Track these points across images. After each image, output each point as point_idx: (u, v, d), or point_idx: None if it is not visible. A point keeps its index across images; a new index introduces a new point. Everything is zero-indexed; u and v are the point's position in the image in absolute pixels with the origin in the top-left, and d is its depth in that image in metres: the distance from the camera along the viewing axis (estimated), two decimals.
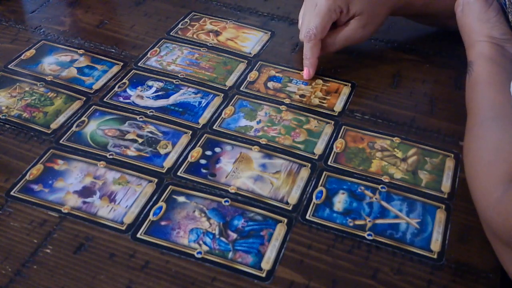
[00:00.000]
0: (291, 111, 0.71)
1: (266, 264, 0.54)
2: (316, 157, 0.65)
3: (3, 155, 0.64)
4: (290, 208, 0.60)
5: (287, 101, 0.73)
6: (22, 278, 0.52)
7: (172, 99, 0.72)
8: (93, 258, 0.54)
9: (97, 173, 0.62)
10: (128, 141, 0.66)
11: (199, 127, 0.69)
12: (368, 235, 0.57)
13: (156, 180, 0.62)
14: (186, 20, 0.87)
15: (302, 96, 0.74)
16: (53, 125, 0.68)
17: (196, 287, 0.52)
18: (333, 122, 0.70)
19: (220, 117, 0.70)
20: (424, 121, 0.71)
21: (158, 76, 0.76)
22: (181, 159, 0.64)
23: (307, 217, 0.59)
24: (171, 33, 0.84)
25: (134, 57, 0.79)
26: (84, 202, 0.59)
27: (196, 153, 0.65)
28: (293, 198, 0.61)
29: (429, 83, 0.78)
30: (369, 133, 0.69)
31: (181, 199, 0.60)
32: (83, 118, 0.69)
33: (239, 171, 0.63)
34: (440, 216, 0.60)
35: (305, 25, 0.74)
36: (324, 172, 0.64)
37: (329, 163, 0.65)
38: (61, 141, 0.66)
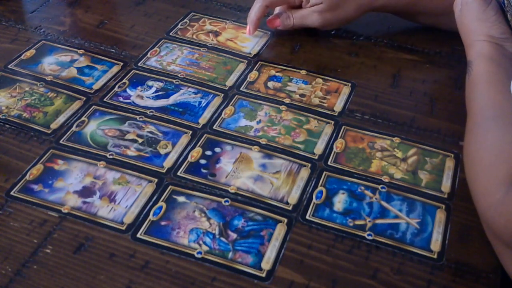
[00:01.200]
0: (291, 111, 0.71)
1: (266, 264, 0.54)
2: (316, 157, 0.65)
3: (3, 155, 0.64)
4: (290, 208, 0.60)
5: (287, 100, 0.73)
6: (22, 278, 0.52)
7: (172, 99, 0.72)
8: (93, 258, 0.54)
9: (97, 173, 0.62)
10: (128, 141, 0.66)
11: (199, 127, 0.69)
12: (368, 235, 0.57)
13: (156, 180, 0.62)
14: (185, 20, 0.87)
15: (302, 95, 0.74)
16: (53, 125, 0.68)
17: (196, 287, 0.52)
18: (333, 122, 0.70)
19: (220, 117, 0.70)
20: (424, 121, 0.71)
21: (158, 76, 0.76)
22: (181, 159, 0.64)
23: (307, 217, 0.59)
24: (171, 33, 0.84)
25: (134, 57, 0.79)
26: (84, 202, 0.59)
27: (196, 153, 0.65)
28: (293, 198, 0.61)
29: (429, 83, 0.78)
30: (369, 133, 0.69)
31: (181, 199, 0.60)
32: (83, 118, 0.69)
33: (239, 171, 0.63)
34: (440, 216, 0.60)
35: None
36: (324, 172, 0.64)
37: (329, 163, 0.65)
38: (61, 141, 0.66)
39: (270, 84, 0.75)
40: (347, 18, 0.82)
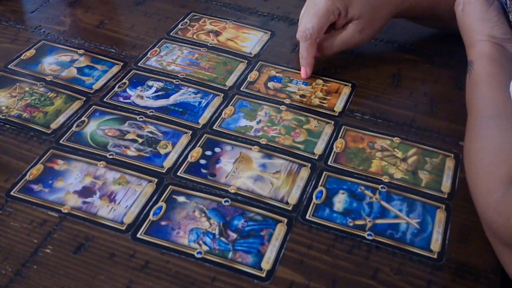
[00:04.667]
0: (291, 111, 0.71)
1: (266, 264, 0.54)
2: (316, 157, 0.65)
3: (3, 155, 0.64)
4: (290, 208, 0.60)
5: (287, 101, 0.73)
6: (22, 278, 0.52)
7: (172, 99, 0.72)
8: (93, 258, 0.54)
9: (97, 173, 0.62)
10: (128, 141, 0.66)
11: (199, 127, 0.68)
12: (368, 235, 0.57)
13: (156, 180, 0.62)
14: (186, 20, 0.87)
15: (302, 96, 0.74)
16: (53, 125, 0.68)
17: (196, 287, 0.52)
18: (333, 122, 0.70)
19: (220, 117, 0.70)
20: (424, 121, 0.71)
21: (158, 76, 0.76)
22: (181, 159, 0.64)
23: (307, 217, 0.59)
24: (171, 33, 0.84)
25: (134, 57, 0.79)
26: (84, 202, 0.59)
27: (196, 153, 0.65)
28: (293, 198, 0.61)
29: (429, 83, 0.78)
30: (369, 133, 0.69)
31: (181, 199, 0.60)
32: (83, 118, 0.69)
33: (239, 171, 0.63)
34: (440, 216, 0.60)
35: (302, 24, 0.74)
36: (324, 172, 0.64)
37: (329, 163, 0.65)
38: (61, 141, 0.66)
39: (270, 84, 0.75)
40: (380, 28, 0.78)
